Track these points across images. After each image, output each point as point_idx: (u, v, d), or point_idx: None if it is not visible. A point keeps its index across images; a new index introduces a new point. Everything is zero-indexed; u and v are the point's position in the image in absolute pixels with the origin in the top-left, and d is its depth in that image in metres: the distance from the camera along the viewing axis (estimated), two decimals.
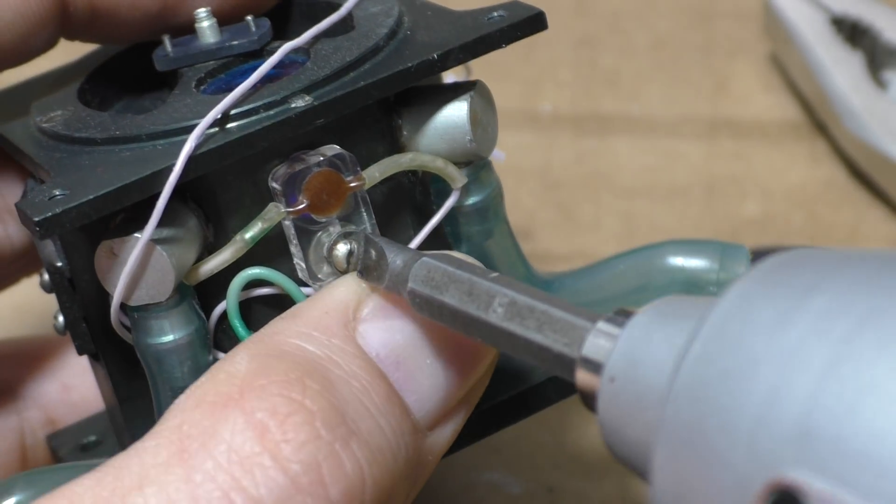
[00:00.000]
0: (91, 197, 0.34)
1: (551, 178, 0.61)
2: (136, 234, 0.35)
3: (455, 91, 0.38)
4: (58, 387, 0.45)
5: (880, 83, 0.59)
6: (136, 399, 0.40)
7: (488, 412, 0.39)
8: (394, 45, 0.38)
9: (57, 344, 0.46)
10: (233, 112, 0.36)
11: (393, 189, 0.38)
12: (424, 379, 0.35)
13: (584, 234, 0.59)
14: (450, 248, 0.40)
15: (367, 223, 0.37)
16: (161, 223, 0.35)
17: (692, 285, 0.41)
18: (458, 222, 0.39)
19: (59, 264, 0.38)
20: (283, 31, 0.42)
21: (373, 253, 0.35)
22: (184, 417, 0.32)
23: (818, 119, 0.61)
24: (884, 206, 0.58)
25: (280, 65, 0.38)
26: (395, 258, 0.35)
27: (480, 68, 0.42)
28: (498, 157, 0.46)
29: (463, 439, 0.38)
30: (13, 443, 0.45)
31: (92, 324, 0.39)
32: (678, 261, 0.41)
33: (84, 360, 0.42)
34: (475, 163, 0.39)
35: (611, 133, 0.63)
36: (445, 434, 0.36)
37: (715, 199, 0.59)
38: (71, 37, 0.42)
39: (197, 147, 0.35)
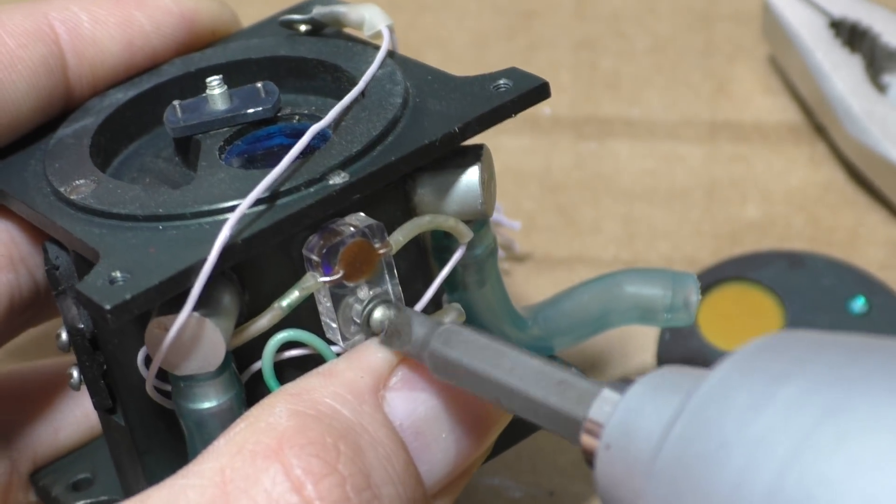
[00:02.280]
0: (157, 282, 0.35)
1: (551, 182, 0.61)
2: (195, 314, 0.36)
3: (464, 156, 0.41)
4: (50, 430, 0.46)
5: (880, 86, 0.59)
6: (154, 451, 0.41)
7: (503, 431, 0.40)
8: (409, 114, 0.40)
9: (46, 379, 0.47)
10: (280, 190, 0.37)
11: (407, 249, 0.40)
12: (438, 451, 0.38)
13: (584, 237, 0.59)
14: (443, 297, 0.42)
15: (388, 284, 0.39)
16: (208, 297, 0.36)
17: (647, 311, 0.44)
18: (456, 272, 0.42)
19: (81, 326, 0.39)
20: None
21: (400, 319, 0.38)
22: (225, 462, 0.34)
23: (818, 122, 0.61)
24: (883, 209, 0.58)
25: (292, 132, 0.40)
26: (420, 326, 0.37)
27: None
28: (513, 226, 0.48)
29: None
30: (2, 486, 0.45)
31: (114, 382, 0.40)
32: (634, 289, 0.44)
33: (72, 402, 0.43)
34: (477, 220, 0.41)
35: (610, 136, 0.63)
36: (445, 503, 0.39)
37: (715, 202, 0.59)
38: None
39: (247, 227, 0.36)
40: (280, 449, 0.34)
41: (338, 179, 0.38)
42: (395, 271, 0.39)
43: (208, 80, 0.42)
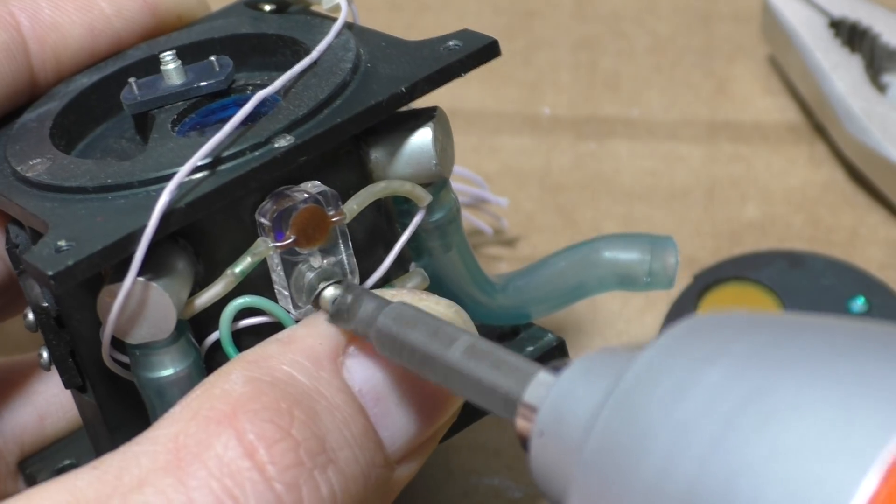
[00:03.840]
0: (100, 248, 0.35)
1: (551, 182, 0.61)
2: (141, 279, 0.36)
3: (417, 118, 0.41)
4: (35, 418, 0.47)
5: (879, 86, 0.59)
6: (125, 427, 0.41)
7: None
8: (359, 78, 0.40)
9: (31, 368, 0.47)
10: (223, 155, 0.37)
11: (364, 215, 0.40)
12: (399, 417, 0.37)
13: (584, 237, 0.58)
14: (411, 263, 0.42)
15: (343, 253, 0.39)
16: (157, 264, 0.36)
17: (626, 277, 0.44)
18: (420, 238, 0.42)
19: (45, 304, 0.39)
20: (237, 65, 0.44)
21: (349, 298, 0.37)
22: (179, 428, 0.34)
23: (817, 122, 0.61)
24: (883, 209, 0.58)
25: (245, 103, 0.39)
26: (368, 304, 0.37)
27: (480, 72, 0.42)
28: (500, 202, 0.47)
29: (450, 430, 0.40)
30: None
31: (81, 359, 0.40)
32: (611, 255, 0.44)
33: (57, 389, 0.43)
34: (436, 183, 0.41)
35: (610, 136, 0.63)
36: (411, 468, 0.39)
37: (714, 202, 0.59)
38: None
39: (191, 191, 0.36)
40: (234, 414, 0.34)
41: (283, 142, 0.38)
42: (350, 241, 0.39)
43: (161, 55, 0.42)
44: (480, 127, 0.63)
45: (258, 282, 0.39)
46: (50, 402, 0.47)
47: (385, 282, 0.41)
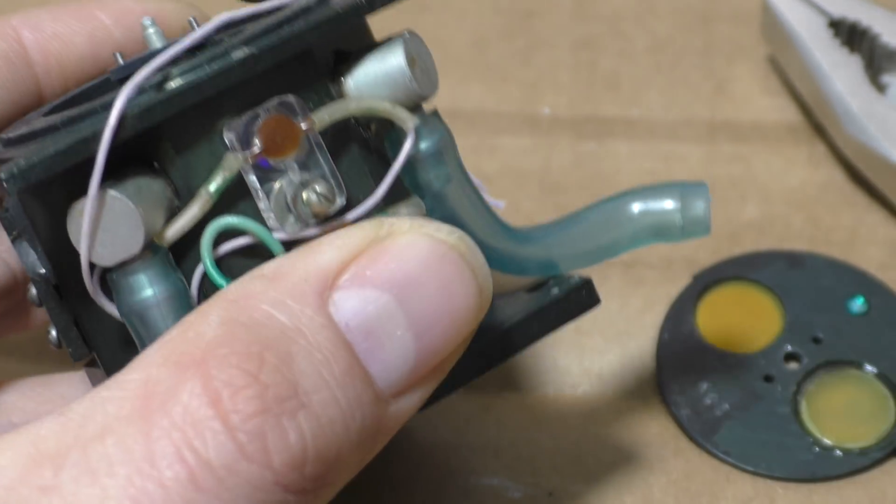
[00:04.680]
0: (53, 151, 0.36)
1: (550, 182, 0.61)
2: (105, 190, 0.36)
3: (389, 41, 0.41)
4: None
5: (879, 86, 0.59)
6: None
7: (470, 357, 0.40)
8: (324, 4, 0.40)
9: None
10: (179, 70, 0.37)
11: (348, 141, 0.40)
12: (393, 349, 0.36)
13: None
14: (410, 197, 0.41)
15: (324, 166, 0.38)
16: (125, 179, 0.37)
17: (660, 228, 0.43)
18: (415, 170, 0.41)
19: (43, 271, 0.39)
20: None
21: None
22: (150, 373, 0.34)
23: (817, 122, 0.61)
24: (883, 209, 0.58)
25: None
26: None
27: (480, 72, 0.42)
28: (498, 205, 0.48)
29: (443, 389, 0.39)
30: None
31: (84, 328, 0.40)
32: (643, 206, 0.43)
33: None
34: (424, 111, 0.41)
35: (610, 136, 0.63)
36: (412, 402, 0.37)
37: (714, 202, 0.59)
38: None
39: (147, 101, 0.37)
40: (203, 360, 0.34)
41: (240, 53, 0.38)
42: (329, 156, 0.39)
43: (142, 20, 0.42)
44: (480, 127, 0.63)
45: (242, 206, 0.38)
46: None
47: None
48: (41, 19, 0.45)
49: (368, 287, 0.36)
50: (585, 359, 0.54)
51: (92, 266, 0.38)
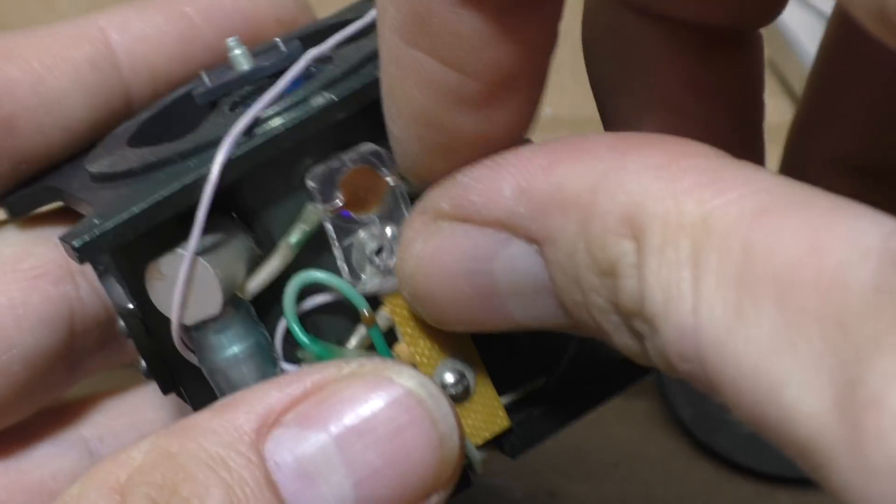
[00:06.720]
0: (126, 216, 0.34)
1: None
2: (178, 251, 0.35)
3: None
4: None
5: None
6: None
7: (562, 402, 0.39)
8: None
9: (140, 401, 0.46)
10: (269, 113, 0.36)
11: None
12: (328, 494, 0.34)
13: None
14: None
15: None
16: (204, 234, 0.35)
17: None
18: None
19: (131, 307, 0.38)
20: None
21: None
22: (82, 489, 0.33)
23: None
24: None
25: (310, 76, 0.38)
26: None
27: None
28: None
29: (542, 430, 0.38)
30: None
31: (171, 364, 0.39)
32: None
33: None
34: None
35: None
36: None
37: None
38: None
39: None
40: (124, 485, 0.33)
41: (320, 100, 0.36)
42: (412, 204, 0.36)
43: (227, 40, 0.40)
44: None
45: (331, 261, 0.37)
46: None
47: None
48: (129, 19, 0.43)
49: (309, 427, 0.34)
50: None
51: None
